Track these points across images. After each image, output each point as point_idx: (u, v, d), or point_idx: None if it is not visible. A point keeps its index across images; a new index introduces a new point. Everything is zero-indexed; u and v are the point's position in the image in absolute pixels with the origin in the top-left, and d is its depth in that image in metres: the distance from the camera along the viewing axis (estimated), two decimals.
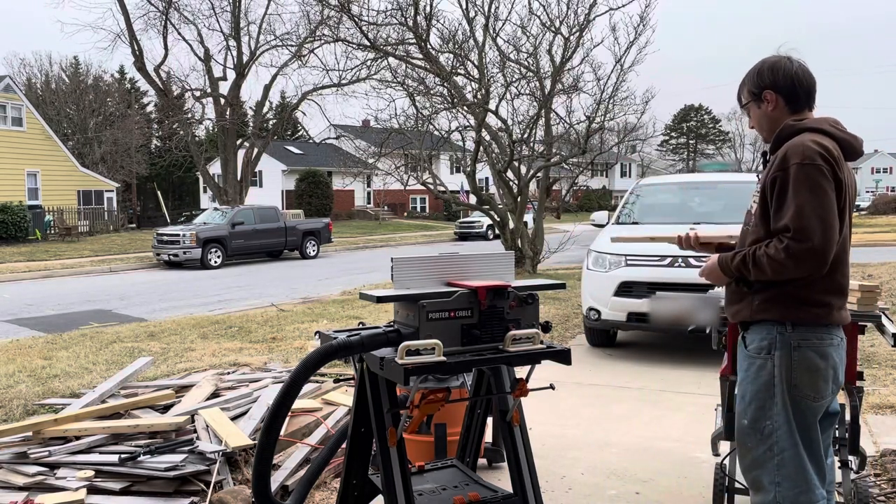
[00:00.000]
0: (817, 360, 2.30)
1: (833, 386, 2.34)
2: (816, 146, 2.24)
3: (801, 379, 2.30)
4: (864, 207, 49.76)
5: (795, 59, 2.45)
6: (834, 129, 2.33)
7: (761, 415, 2.36)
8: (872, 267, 14.31)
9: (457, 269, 2.69)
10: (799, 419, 2.32)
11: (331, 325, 9.11)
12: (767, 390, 2.34)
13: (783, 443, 2.32)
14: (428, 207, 49.96)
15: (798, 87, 2.39)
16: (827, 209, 2.19)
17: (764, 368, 2.35)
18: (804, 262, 2.19)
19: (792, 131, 2.35)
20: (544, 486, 3.69)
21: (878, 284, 3.99)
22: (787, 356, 2.30)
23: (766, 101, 2.42)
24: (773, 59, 2.45)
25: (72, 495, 3.43)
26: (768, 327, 2.34)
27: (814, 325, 2.30)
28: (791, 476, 2.32)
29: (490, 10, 14.72)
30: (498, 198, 16.72)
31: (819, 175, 2.20)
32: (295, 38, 27.43)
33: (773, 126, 2.43)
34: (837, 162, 2.25)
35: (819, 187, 2.20)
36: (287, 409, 2.52)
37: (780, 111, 2.42)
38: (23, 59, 61.73)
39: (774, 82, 2.39)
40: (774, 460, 2.33)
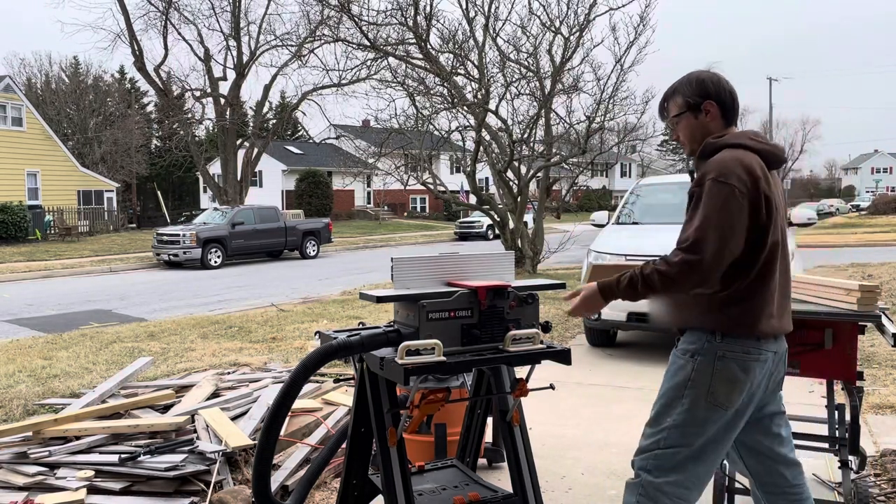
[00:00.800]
0: (739, 372, 2.32)
1: (746, 397, 2.36)
2: (736, 163, 2.26)
3: (718, 387, 2.33)
4: (864, 207, 49.77)
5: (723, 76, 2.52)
6: (754, 143, 2.34)
7: (665, 411, 2.41)
8: (872, 267, 14.31)
9: (457, 269, 2.69)
10: (702, 425, 2.35)
11: (331, 325, 9.11)
12: (678, 390, 2.39)
13: (672, 440, 2.37)
14: (428, 207, 49.96)
15: (734, 101, 2.43)
16: (728, 228, 2.21)
17: (683, 370, 2.39)
18: (690, 274, 2.22)
19: (713, 148, 2.36)
20: (544, 486, 3.70)
21: (878, 284, 3.99)
22: (709, 364, 2.33)
23: (705, 111, 2.42)
24: (709, 72, 2.48)
25: (72, 495, 3.43)
26: (699, 334, 2.38)
27: (742, 338, 2.32)
28: (663, 468, 2.38)
29: (490, 10, 14.71)
30: (498, 198, 16.72)
31: (730, 194, 2.22)
32: (295, 38, 27.45)
33: (704, 137, 2.43)
34: (759, 177, 2.26)
35: (727, 205, 2.21)
36: (287, 409, 2.52)
37: (717, 123, 2.42)
38: (23, 59, 61.88)
39: (718, 94, 2.41)
40: (657, 451, 2.40)
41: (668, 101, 2.52)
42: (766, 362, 2.38)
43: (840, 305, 3.11)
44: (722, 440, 2.39)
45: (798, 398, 5.28)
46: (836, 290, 3.16)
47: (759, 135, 2.41)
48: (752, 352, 2.33)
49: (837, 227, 32.81)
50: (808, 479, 3.85)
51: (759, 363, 2.34)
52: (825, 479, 3.86)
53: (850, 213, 51.97)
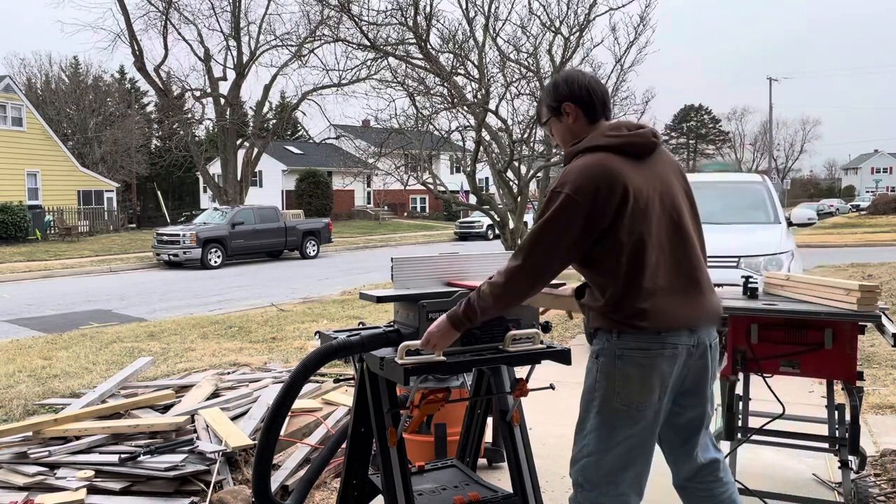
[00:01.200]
0: (639, 370, 2.25)
1: (661, 394, 2.28)
2: (579, 172, 2.21)
3: (622, 387, 2.28)
4: (864, 207, 49.76)
5: (587, 72, 2.50)
6: (609, 139, 2.28)
7: (585, 415, 2.39)
8: (872, 267, 14.31)
9: (457, 269, 2.69)
10: (615, 427, 2.30)
11: (331, 325, 9.11)
12: (590, 394, 2.36)
13: (592, 446, 2.33)
14: (428, 207, 49.95)
15: (593, 96, 2.37)
16: (556, 240, 2.19)
17: (590, 373, 2.37)
18: (513, 282, 2.22)
19: (571, 156, 2.34)
20: (544, 486, 3.70)
21: (878, 284, 3.99)
22: (610, 364, 2.29)
23: (565, 113, 2.39)
24: (566, 72, 2.47)
25: (72, 495, 3.43)
26: (601, 335, 2.34)
27: (639, 334, 2.26)
28: (592, 479, 2.33)
29: (490, 10, 14.70)
30: (498, 198, 16.71)
31: (563, 204, 2.18)
32: (295, 38, 27.44)
33: (573, 139, 2.40)
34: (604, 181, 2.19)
35: (558, 217, 2.19)
36: (287, 409, 2.52)
37: (580, 123, 2.38)
38: (23, 59, 61.92)
39: (571, 93, 2.37)
40: (583, 461, 2.35)
41: (538, 110, 2.52)
42: (678, 357, 2.28)
43: (840, 305, 3.11)
44: (643, 440, 2.32)
45: (798, 398, 5.28)
46: (836, 290, 3.16)
47: (618, 126, 2.33)
48: (654, 346, 2.25)
49: (837, 227, 32.81)
50: (808, 479, 3.87)
51: (664, 358, 2.26)
52: (825, 479, 3.87)
53: (850, 213, 51.96)
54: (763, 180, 8.31)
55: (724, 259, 6.53)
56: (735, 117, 79.37)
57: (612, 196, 2.19)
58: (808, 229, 26.30)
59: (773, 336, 3.26)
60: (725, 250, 6.63)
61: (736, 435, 3.42)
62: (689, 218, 2.40)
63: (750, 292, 3.46)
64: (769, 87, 53.22)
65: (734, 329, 3.31)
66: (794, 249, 6.98)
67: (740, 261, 6.48)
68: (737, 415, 3.47)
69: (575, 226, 2.19)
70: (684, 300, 2.30)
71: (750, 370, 3.34)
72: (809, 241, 23.07)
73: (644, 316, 2.24)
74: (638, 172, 2.27)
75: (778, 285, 3.58)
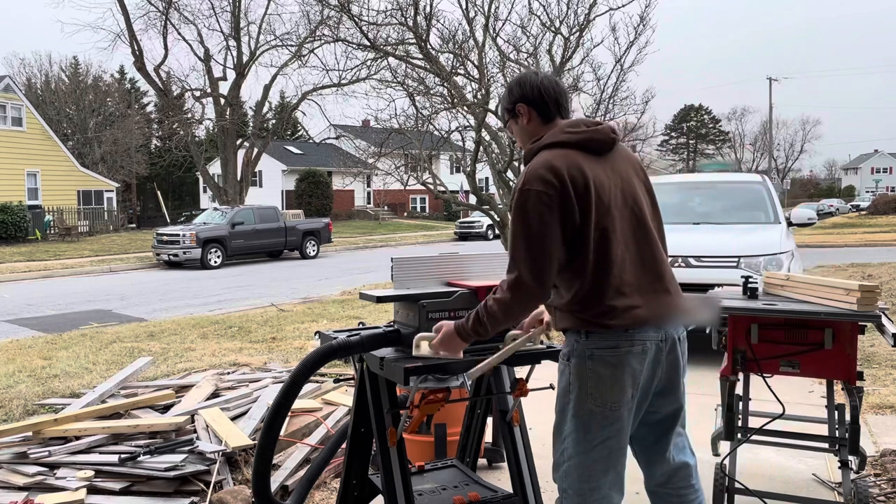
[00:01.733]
0: (610, 369, 2.24)
1: (634, 392, 2.27)
2: (540, 168, 2.20)
3: (594, 387, 2.26)
4: (864, 207, 49.75)
5: (541, 73, 2.50)
6: (570, 135, 2.28)
7: (561, 419, 2.36)
8: (872, 267, 14.31)
9: (457, 269, 2.69)
10: (590, 429, 2.28)
11: (331, 325, 9.11)
12: (565, 396, 2.33)
13: (571, 450, 2.31)
14: (428, 207, 49.96)
15: (545, 95, 2.37)
16: (539, 236, 2.16)
17: (563, 375, 2.34)
18: (518, 293, 2.18)
19: (531, 154, 2.33)
20: (544, 486, 3.69)
21: (878, 284, 3.99)
22: (582, 365, 2.27)
23: (520, 114, 2.41)
24: (520, 74, 2.51)
25: (72, 495, 3.43)
26: (570, 336, 2.32)
27: (607, 332, 2.24)
28: (575, 485, 2.31)
29: (490, 10, 14.70)
30: (498, 198, 16.71)
31: (534, 200, 2.17)
32: (295, 38, 27.47)
33: (530, 139, 2.41)
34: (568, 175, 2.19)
35: (532, 214, 2.17)
36: (287, 409, 2.52)
37: (535, 123, 2.40)
38: (23, 59, 61.99)
39: (523, 94, 2.39)
40: (564, 466, 2.34)
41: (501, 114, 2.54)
42: (647, 353, 2.27)
43: (840, 305, 3.11)
44: (620, 441, 2.31)
45: (798, 398, 5.28)
46: (836, 290, 3.16)
47: (576, 123, 2.34)
48: (623, 344, 2.24)
49: (837, 227, 32.80)
50: (808, 479, 3.87)
51: (633, 355, 2.24)
52: (825, 479, 3.87)
53: (850, 213, 51.96)
54: (763, 180, 8.30)
55: (724, 259, 6.54)
56: (735, 117, 79.42)
57: (576, 189, 2.19)
58: (808, 229, 26.28)
59: (773, 336, 3.26)
60: (725, 250, 6.63)
61: (736, 435, 3.42)
62: (650, 213, 2.38)
63: (750, 292, 3.46)
64: (769, 87, 53.29)
65: (734, 329, 3.31)
66: (794, 249, 6.98)
67: (740, 261, 6.48)
68: (737, 415, 3.47)
69: (553, 219, 2.17)
70: (650, 296, 2.29)
71: (750, 370, 3.34)
72: (809, 241, 23.08)
73: (613, 313, 2.23)
74: (598, 168, 2.27)
75: (778, 285, 3.58)
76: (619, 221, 2.27)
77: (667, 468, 2.48)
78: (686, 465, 2.51)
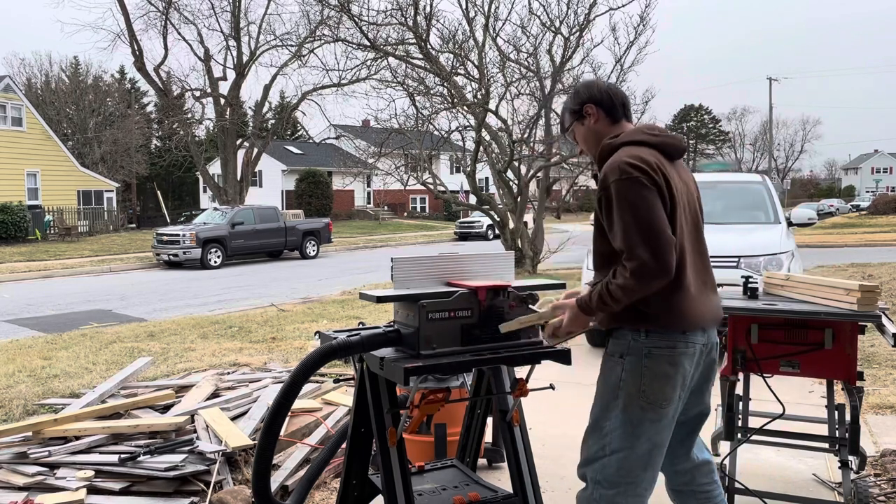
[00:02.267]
0: (667, 367, 2.30)
1: (681, 392, 2.35)
2: (630, 158, 2.26)
3: (649, 385, 2.31)
4: (864, 207, 49.74)
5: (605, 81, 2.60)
6: (650, 137, 2.37)
7: (603, 414, 2.40)
8: (872, 267, 14.31)
9: (457, 269, 2.69)
10: (639, 425, 2.33)
11: (331, 325, 9.11)
12: (613, 392, 2.37)
13: (615, 444, 2.36)
14: (428, 207, 49.96)
15: (614, 97, 2.48)
16: (650, 219, 2.20)
17: (614, 371, 2.38)
18: (644, 278, 2.19)
19: (610, 149, 2.39)
20: (544, 486, 3.69)
21: (878, 284, 3.99)
22: (638, 362, 2.32)
23: (587, 114, 2.49)
24: (586, 79, 2.59)
25: (72, 495, 3.43)
26: (625, 334, 2.37)
27: (666, 332, 2.31)
28: (611, 477, 2.36)
29: (490, 10, 14.72)
30: (498, 198, 16.72)
31: (636, 187, 2.22)
32: (295, 38, 27.49)
33: (598, 139, 2.48)
34: (656, 167, 2.27)
35: (637, 200, 2.21)
36: (287, 409, 2.52)
37: (603, 123, 2.48)
38: (23, 59, 61.99)
39: (591, 96, 2.48)
40: (602, 460, 2.38)
41: (562, 118, 2.62)
42: (695, 355, 2.36)
43: (840, 305, 3.11)
44: (663, 439, 2.37)
45: (798, 398, 5.28)
46: (836, 290, 3.17)
47: (654, 128, 2.43)
48: (679, 345, 2.31)
49: (837, 227, 32.80)
50: (808, 479, 3.87)
51: (687, 356, 2.33)
52: (825, 479, 3.87)
53: (850, 213, 51.95)
54: (763, 180, 8.31)
55: (724, 259, 6.53)
56: (735, 117, 79.46)
57: (665, 184, 2.28)
58: (808, 229, 26.25)
59: (773, 336, 3.26)
60: (725, 250, 6.62)
61: (736, 435, 3.42)
62: (701, 221, 2.51)
63: (750, 292, 3.47)
64: (769, 87, 53.30)
65: (734, 329, 3.31)
66: (794, 249, 6.98)
67: (740, 261, 6.48)
68: (737, 415, 3.47)
69: (657, 200, 2.22)
70: (702, 300, 2.38)
71: (750, 370, 3.34)
72: (809, 241, 23.08)
73: (677, 314, 2.30)
74: (672, 171, 2.36)
75: (778, 285, 3.58)
76: (684, 224, 2.36)
77: (690, 466, 2.57)
78: (708, 461, 2.60)
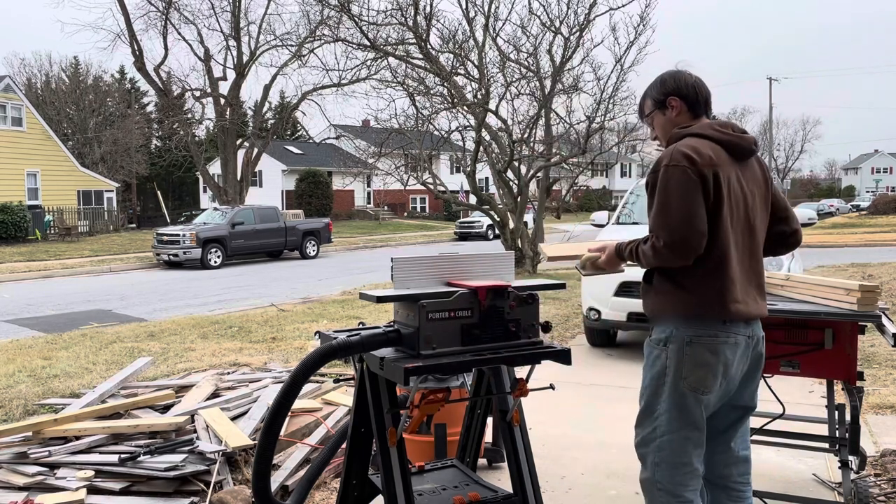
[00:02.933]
0: (708, 356, 2.41)
1: (723, 380, 2.46)
2: (687, 149, 2.38)
3: (690, 372, 2.43)
4: (864, 207, 49.72)
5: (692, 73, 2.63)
6: (717, 133, 2.47)
7: (653, 400, 2.51)
8: (872, 267, 14.32)
9: (457, 269, 2.69)
10: (684, 409, 2.45)
11: (331, 325, 9.11)
12: (659, 378, 2.49)
13: (665, 427, 2.48)
14: (428, 207, 49.95)
15: (699, 93, 2.56)
16: (686, 204, 2.32)
17: (659, 359, 2.49)
18: (667, 254, 2.35)
19: (678, 137, 2.50)
20: (544, 486, 3.70)
21: (878, 284, 3.99)
22: (679, 350, 2.44)
23: (670, 106, 2.57)
24: (673, 70, 2.64)
25: (72, 495, 3.43)
26: (667, 322, 2.48)
27: (708, 322, 2.42)
28: (667, 459, 2.48)
29: (490, 10, 14.72)
30: (498, 198, 16.72)
31: (680, 175, 2.34)
32: (295, 38, 27.48)
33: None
34: (708, 161, 2.37)
35: (677, 187, 2.34)
36: (287, 409, 2.51)
37: (684, 116, 2.56)
38: (23, 59, 61.87)
39: (678, 88, 2.56)
40: (656, 442, 2.50)
41: (643, 103, 2.69)
42: (739, 346, 2.45)
43: (840, 305, 3.11)
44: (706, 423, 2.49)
45: (798, 398, 5.28)
46: (836, 290, 3.17)
47: (726, 125, 2.52)
48: (720, 335, 2.41)
49: (837, 227, 32.81)
50: (808, 479, 3.87)
51: (728, 346, 2.42)
52: (825, 479, 3.87)
53: (850, 213, 51.94)
54: None
55: None
56: (735, 117, 79.32)
57: (714, 178, 2.37)
58: (808, 229, 26.25)
59: (773, 336, 3.26)
60: None
61: None
62: (761, 224, 2.57)
63: None
64: (769, 87, 53.23)
65: None
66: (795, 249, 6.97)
67: None
68: None
69: (698, 192, 2.34)
70: (746, 297, 2.47)
71: None
72: (809, 241, 23.07)
73: (720, 305, 2.40)
74: (733, 170, 2.45)
75: (778, 285, 3.58)
76: (737, 221, 2.45)
77: (730, 459, 2.63)
78: (747, 459, 2.67)
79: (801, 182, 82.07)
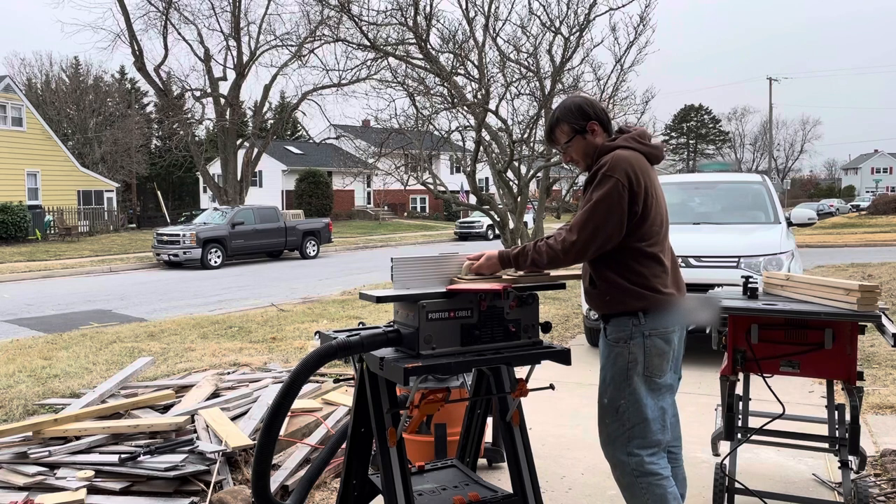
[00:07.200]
0: (663, 344, 2.67)
1: (672, 361, 2.74)
2: (623, 161, 2.61)
3: (651, 362, 2.66)
4: (864, 207, 49.72)
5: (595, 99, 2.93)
6: (640, 145, 2.72)
7: (617, 395, 2.69)
8: (872, 267, 14.31)
9: (457, 270, 2.69)
10: (647, 395, 2.67)
11: (331, 325, 9.11)
12: (623, 374, 2.67)
13: (634, 418, 2.67)
14: (428, 207, 49.95)
15: (608, 116, 2.84)
16: (607, 214, 2.56)
17: (621, 356, 2.67)
18: (568, 252, 2.59)
19: (609, 148, 2.72)
20: (544, 486, 3.70)
21: (878, 284, 3.99)
22: (640, 344, 2.65)
23: (591, 131, 2.76)
24: (580, 98, 2.87)
25: (72, 495, 3.43)
26: (624, 320, 2.67)
27: (661, 315, 2.66)
28: (640, 445, 2.67)
29: (490, 10, 14.71)
30: (498, 198, 16.71)
31: (613, 185, 2.56)
32: (295, 38, 27.47)
33: (594, 151, 2.77)
34: (640, 173, 2.61)
35: (609, 195, 2.56)
36: (287, 409, 2.52)
37: (601, 137, 2.78)
38: (23, 59, 62.03)
39: (596, 115, 2.78)
40: (626, 434, 2.68)
41: (554, 130, 2.83)
42: (682, 329, 2.77)
43: (840, 305, 3.11)
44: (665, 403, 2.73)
45: (798, 398, 5.28)
46: (836, 290, 3.16)
47: (644, 135, 2.78)
48: (670, 325, 2.68)
49: (837, 227, 32.80)
50: (808, 479, 3.87)
51: (675, 333, 2.71)
52: (825, 479, 3.87)
53: (850, 213, 51.92)
54: (763, 180, 8.30)
55: (724, 259, 6.54)
56: (735, 117, 79.49)
57: (644, 187, 2.61)
58: (808, 229, 26.26)
59: (773, 336, 3.26)
60: (725, 250, 6.63)
61: (736, 435, 3.42)
62: None
63: (750, 292, 3.46)
64: (769, 87, 53.27)
65: (734, 329, 3.31)
66: (794, 249, 6.98)
67: (740, 261, 6.48)
68: (737, 415, 3.47)
69: (623, 204, 2.56)
70: (678, 287, 2.77)
71: (750, 370, 3.34)
72: (809, 241, 23.08)
73: (665, 299, 2.65)
74: (652, 175, 2.72)
75: (778, 285, 3.58)
76: (662, 221, 2.72)
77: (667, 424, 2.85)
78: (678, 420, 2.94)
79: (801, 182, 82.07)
